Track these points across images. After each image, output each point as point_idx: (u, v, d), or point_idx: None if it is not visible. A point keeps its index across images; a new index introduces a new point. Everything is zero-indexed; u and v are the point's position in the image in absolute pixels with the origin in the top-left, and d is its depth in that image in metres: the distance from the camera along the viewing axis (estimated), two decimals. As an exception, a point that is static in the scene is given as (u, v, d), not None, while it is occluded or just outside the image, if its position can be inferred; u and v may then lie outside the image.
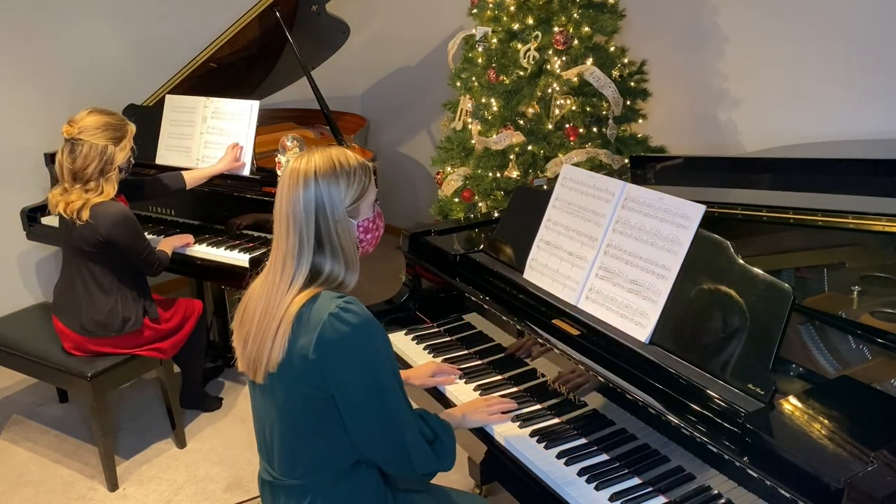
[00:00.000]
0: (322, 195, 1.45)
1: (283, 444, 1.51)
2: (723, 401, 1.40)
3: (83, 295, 2.60)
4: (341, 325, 1.40)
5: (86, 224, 2.47)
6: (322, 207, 1.45)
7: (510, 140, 2.96)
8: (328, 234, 1.46)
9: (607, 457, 1.61)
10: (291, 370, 1.43)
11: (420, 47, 4.48)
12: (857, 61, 2.73)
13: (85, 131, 2.48)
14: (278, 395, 1.48)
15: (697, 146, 3.27)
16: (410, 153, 4.85)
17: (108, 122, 2.53)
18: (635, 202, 1.72)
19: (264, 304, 1.47)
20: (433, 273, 2.17)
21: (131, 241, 2.55)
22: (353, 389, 1.43)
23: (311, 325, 1.41)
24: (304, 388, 1.44)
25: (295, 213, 1.45)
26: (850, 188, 2.15)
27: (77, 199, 2.48)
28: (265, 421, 1.54)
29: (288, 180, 1.47)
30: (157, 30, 3.96)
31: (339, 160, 1.48)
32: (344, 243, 1.48)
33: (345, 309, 1.41)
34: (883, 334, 1.63)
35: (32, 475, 2.80)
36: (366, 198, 1.52)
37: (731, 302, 1.51)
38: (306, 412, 1.47)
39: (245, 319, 1.52)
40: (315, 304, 1.43)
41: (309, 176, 1.45)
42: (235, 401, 3.22)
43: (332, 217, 1.45)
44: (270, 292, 1.47)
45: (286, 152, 3.00)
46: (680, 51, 3.26)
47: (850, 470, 1.18)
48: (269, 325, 1.45)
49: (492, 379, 1.93)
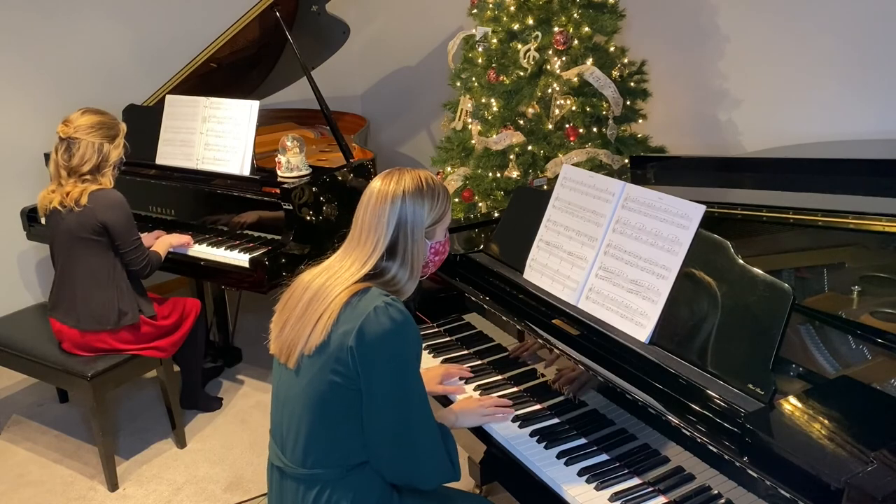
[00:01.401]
0: (407, 213, 1.53)
1: (300, 431, 1.52)
2: (723, 401, 1.40)
3: (78, 289, 2.61)
4: (384, 319, 1.44)
5: (84, 209, 2.52)
6: (405, 223, 1.53)
7: (510, 140, 2.96)
8: (404, 246, 1.54)
9: (607, 457, 1.61)
10: (327, 354, 1.46)
11: (420, 47, 4.48)
12: (857, 61, 2.73)
13: (81, 130, 2.54)
14: (306, 379, 1.50)
15: (697, 146, 3.27)
16: (410, 153, 4.85)
17: (102, 121, 2.59)
18: (635, 202, 1.72)
19: (315, 290, 1.52)
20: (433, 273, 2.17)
21: (124, 228, 2.58)
22: (380, 384, 1.45)
23: (356, 313, 1.46)
24: (334, 375, 1.46)
25: (377, 227, 1.53)
26: (850, 188, 2.15)
27: (74, 189, 2.53)
28: (287, 406, 1.56)
29: (376, 197, 1.54)
30: (157, 30, 3.96)
31: (428, 182, 1.56)
32: (416, 256, 1.56)
33: (391, 304, 1.46)
34: (883, 334, 1.63)
35: (32, 475, 2.80)
36: (443, 222, 1.61)
37: (731, 302, 1.51)
38: (330, 401, 1.48)
39: (289, 305, 1.56)
40: (364, 296, 1.49)
41: (398, 195, 1.53)
42: (235, 401, 3.22)
43: (412, 234, 1.54)
44: (328, 280, 1.52)
45: (286, 152, 3.00)
46: (680, 51, 3.26)
47: (850, 470, 1.18)
48: (315, 309, 1.49)
49: (492, 379, 1.93)
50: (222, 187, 3.04)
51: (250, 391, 3.29)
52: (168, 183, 3.15)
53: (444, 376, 1.92)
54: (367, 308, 1.45)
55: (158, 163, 3.19)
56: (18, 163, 3.60)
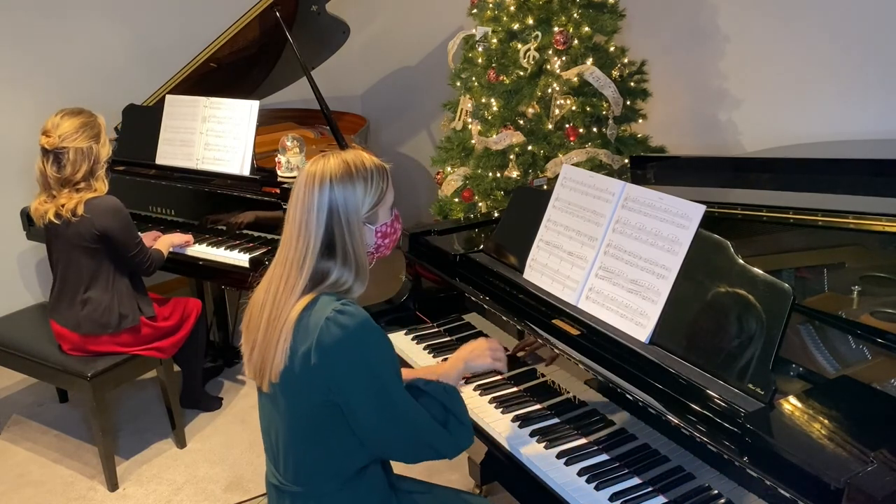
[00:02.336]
0: (337, 201, 1.41)
1: (287, 451, 1.50)
2: (723, 401, 1.40)
3: (79, 294, 2.60)
4: (336, 330, 1.38)
5: (81, 218, 2.47)
6: (337, 213, 1.41)
7: (510, 140, 2.96)
8: (341, 240, 1.42)
9: (607, 457, 1.61)
10: (294, 378, 1.42)
11: (420, 47, 4.47)
12: (857, 61, 2.73)
13: (66, 138, 2.46)
14: (282, 403, 1.47)
15: (697, 146, 3.27)
16: (410, 153, 4.85)
17: (84, 122, 2.51)
18: (635, 202, 1.72)
19: (268, 312, 1.45)
20: (433, 273, 2.17)
21: (124, 234, 2.55)
22: (356, 391, 1.41)
23: (309, 330, 1.40)
24: (307, 396, 1.43)
25: (308, 220, 1.42)
26: (850, 188, 2.15)
27: (69, 201, 2.47)
28: (271, 427, 1.54)
29: (303, 186, 1.43)
30: (157, 30, 3.96)
31: (355, 164, 1.44)
32: (357, 250, 1.44)
33: (341, 311, 1.39)
34: (883, 334, 1.63)
35: (32, 475, 2.80)
36: (384, 202, 1.49)
37: (731, 302, 1.50)
38: (310, 420, 1.45)
39: (252, 326, 1.50)
40: (313, 308, 1.41)
41: (325, 181, 1.41)
42: (235, 401, 3.22)
43: (346, 224, 1.42)
44: (275, 300, 1.44)
45: (286, 152, 3.00)
46: (680, 51, 3.26)
47: (850, 470, 1.18)
48: (272, 333, 1.43)
49: (491, 379, 1.93)
50: (222, 187, 3.04)
51: (250, 391, 3.29)
52: (168, 183, 3.15)
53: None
54: (318, 322, 1.38)
55: (158, 163, 3.19)
56: (18, 163, 3.60)
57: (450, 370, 1.68)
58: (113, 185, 2.66)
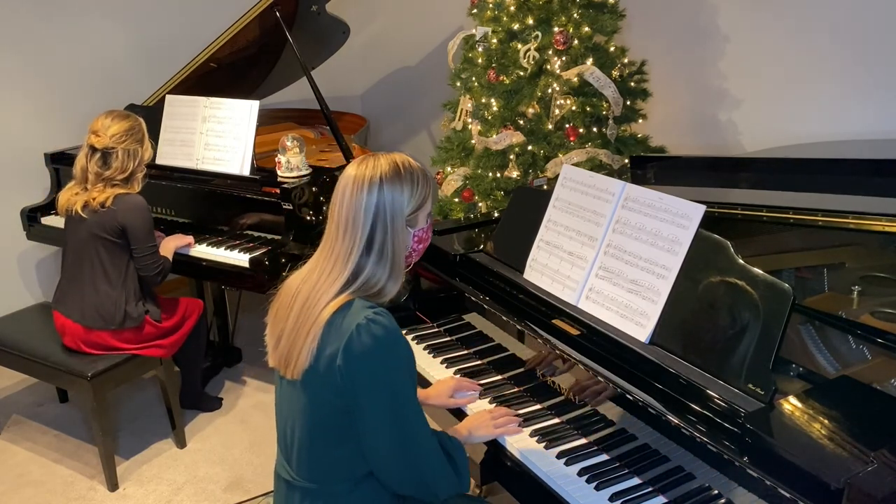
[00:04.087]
0: (385, 201, 1.43)
1: (303, 447, 1.50)
2: (723, 401, 1.40)
3: (89, 285, 2.62)
4: (367, 337, 1.38)
5: (108, 210, 2.54)
6: (383, 213, 1.43)
7: (510, 140, 2.96)
8: (382, 239, 1.44)
9: (607, 457, 1.61)
10: (317, 377, 1.42)
11: (420, 47, 4.47)
12: (857, 61, 2.73)
13: (115, 140, 2.56)
14: (302, 400, 1.47)
15: (697, 146, 3.27)
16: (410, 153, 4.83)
17: (132, 126, 2.62)
18: (635, 202, 1.72)
19: (302, 302, 1.45)
20: (433, 273, 2.17)
21: (142, 232, 2.60)
22: (372, 403, 1.40)
23: (340, 333, 1.40)
24: (328, 397, 1.42)
25: (355, 218, 1.43)
26: (850, 188, 2.15)
27: (101, 194, 2.55)
28: (288, 420, 1.53)
29: (351, 184, 1.45)
30: (157, 30, 3.96)
31: (405, 166, 1.47)
32: (396, 251, 1.46)
33: (373, 320, 1.39)
34: (883, 334, 1.63)
35: (32, 475, 2.80)
36: (425, 207, 1.51)
37: (731, 302, 1.50)
38: (328, 421, 1.45)
39: (280, 316, 1.50)
40: (347, 312, 1.42)
41: (374, 181, 1.43)
42: (235, 401, 3.22)
43: (391, 224, 1.44)
44: (312, 290, 1.45)
45: (286, 152, 3.00)
46: (680, 51, 3.25)
47: (850, 470, 1.18)
48: (302, 325, 1.44)
49: (491, 379, 1.93)
50: (222, 187, 3.03)
51: (250, 391, 3.29)
52: (168, 183, 3.14)
53: (456, 389, 1.87)
54: (350, 326, 1.39)
55: (158, 163, 3.19)
56: (19, 163, 3.60)
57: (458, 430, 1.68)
58: None
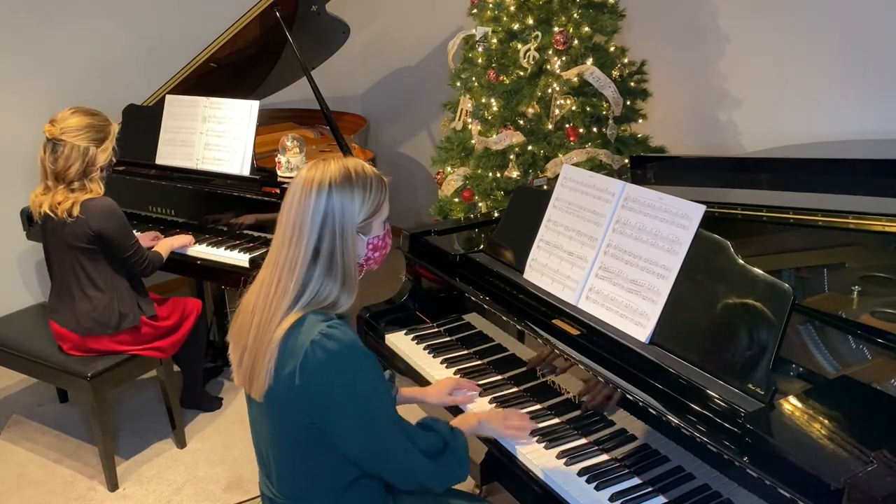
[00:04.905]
0: (334, 207, 1.37)
1: (279, 465, 1.49)
2: (723, 401, 1.40)
3: (78, 293, 2.59)
4: (321, 354, 1.34)
5: (77, 220, 2.47)
6: (332, 220, 1.37)
7: (510, 140, 2.96)
8: (330, 249, 1.38)
9: (607, 457, 1.61)
10: (279, 397, 1.39)
11: (420, 47, 4.48)
12: (857, 61, 2.73)
13: (67, 132, 2.46)
14: (269, 418, 1.45)
15: (697, 146, 3.27)
16: (410, 153, 4.85)
17: (91, 124, 2.51)
18: (635, 202, 1.72)
19: (258, 319, 1.41)
20: (433, 273, 2.17)
21: (119, 235, 2.55)
22: (338, 418, 1.38)
23: (295, 351, 1.36)
24: (292, 417, 1.40)
25: (301, 225, 1.37)
26: (850, 188, 2.15)
27: (65, 200, 2.47)
28: (261, 438, 1.52)
29: (300, 189, 1.39)
30: (157, 30, 3.96)
31: (357, 171, 1.40)
32: (346, 261, 1.40)
33: (327, 335, 1.35)
34: (883, 334, 1.63)
35: (32, 475, 2.80)
36: (380, 214, 1.45)
37: (731, 302, 1.50)
38: (296, 439, 1.43)
39: (241, 331, 1.46)
40: (300, 329, 1.37)
41: (323, 186, 1.37)
42: (235, 401, 3.22)
43: (340, 232, 1.38)
44: (265, 305, 1.40)
45: (286, 152, 3.00)
46: (680, 51, 3.26)
47: (850, 470, 1.18)
48: (259, 345, 1.40)
49: (492, 379, 1.93)
50: (222, 187, 3.03)
51: (250, 391, 3.29)
52: (168, 183, 3.14)
53: (455, 388, 1.86)
54: (304, 344, 1.34)
55: (158, 163, 3.19)
56: (18, 163, 3.60)
57: (461, 423, 1.66)
58: (113, 185, 2.66)
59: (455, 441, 1.53)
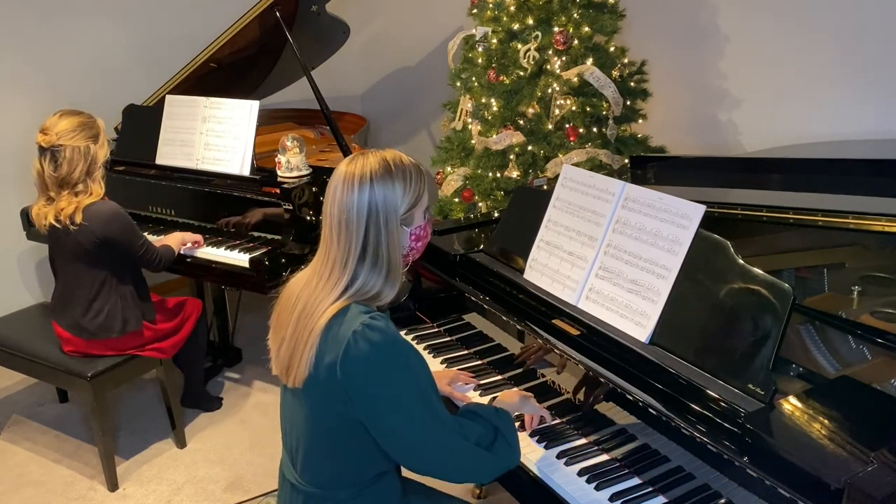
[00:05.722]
0: (377, 200, 1.37)
1: (307, 453, 1.49)
2: (723, 401, 1.40)
3: (83, 300, 2.59)
4: (364, 346, 1.34)
5: (80, 227, 2.46)
6: (375, 213, 1.37)
7: (510, 140, 2.96)
8: (375, 242, 1.38)
9: (607, 457, 1.61)
10: (318, 386, 1.39)
11: (420, 47, 4.48)
12: (857, 61, 2.73)
13: (63, 136, 2.44)
14: (304, 408, 1.45)
15: (697, 146, 3.27)
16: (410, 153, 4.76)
17: (82, 122, 2.50)
18: (635, 202, 1.72)
19: (301, 308, 1.42)
20: (433, 273, 2.17)
21: (127, 237, 2.55)
22: (379, 411, 1.37)
23: (337, 341, 1.36)
24: (329, 406, 1.40)
25: (348, 220, 1.38)
26: (850, 188, 2.15)
27: (68, 205, 2.45)
28: (293, 426, 1.52)
29: (341, 184, 1.39)
30: (157, 30, 3.96)
31: (395, 162, 1.41)
32: (392, 253, 1.40)
33: (370, 326, 1.35)
34: (883, 334, 1.63)
35: (32, 475, 2.80)
36: (421, 203, 1.44)
37: (731, 302, 1.50)
38: (331, 429, 1.43)
39: (281, 321, 1.47)
40: (344, 318, 1.37)
41: (364, 179, 1.37)
42: (235, 401, 3.22)
43: (384, 224, 1.38)
44: (311, 297, 1.41)
45: (286, 152, 3.00)
46: (680, 51, 3.26)
47: (850, 470, 1.18)
48: (301, 333, 1.40)
49: (492, 379, 1.93)
50: (222, 187, 3.04)
51: (250, 391, 3.29)
52: (168, 183, 3.15)
53: (453, 380, 1.86)
54: (346, 334, 1.35)
55: (158, 163, 3.19)
56: (19, 163, 3.60)
57: (506, 398, 1.65)
58: (112, 185, 2.66)
59: (504, 425, 1.50)
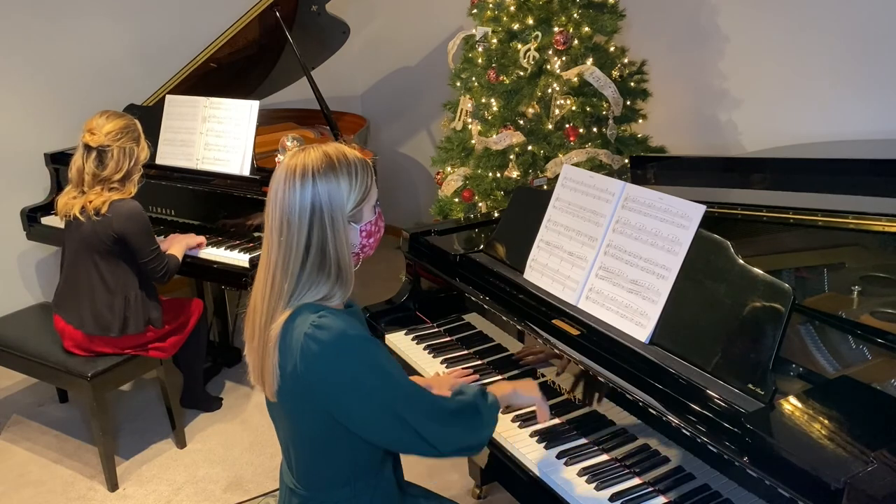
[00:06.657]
0: (321, 198, 1.30)
1: (298, 459, 1.49)
2: (723, 401, 1.40)
3: (86, 293, 2.60)
4: (314, 345, 1.30)
5: (102, 218, 2.50)
6: (319, 212, 1.30)
7: (510, 140, 2.96)
8: (320, 242, 1.31)
9: (607, 457, 1.61)
10: (289, 395, 1.38)
11: (420, 48, 4.48)
12: (857, 61, 2.73)
13: (111, 137, 2.52)
14: (284, 415, 1.45)
15: (697, 146, 3.27)
16: (410, 153, 4.85)
17: (127, 125, 2.57)
18: (635, 202, 1.72)
19: (259, 320, 1.39)
20: (433, 273, 2.17)
21: (141, 238, 2.57)
22: (351, 406, 1.35)
23: (292, 348, 1.32)
24: (305, 411, 1.39)
25: (290, 220, 1.31)
26: (850, 188, 2.15)
27: (97, 198, 2.51)
28: (281, 433, 1.52)
29: (283, 181, 1.32)
30: (157, 30, 3.96)
31: (338, 158, 1.33)
32: (340, 253, 1.33)
33: (318, 326, 1.31)
34: (883, 334, 1.63)
35: (32, 475, 2.80)
36: (369, 199, 1.37)
37: (731, 302, 1.50)
38: (313, 432, 1.42)
39: (251, 335, 1.44)
40: (293, 324, 1.33)
41: (306, 176, 1.30)
42: (235, 401, 3.22)
43: (330, 223, 1.31)
44: (264, 306, 1.37)
45: (286, 152, 3.00)
46: (680, 51, 3.26)
47: (850, 470, 1.18)
48: (262, 345, 1.38)
49: (492, 379, 1.93)
50: (222, 187, 3.04)
51: (250, 391, 3.29)
52: (168, 183, 3.15)
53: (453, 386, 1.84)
54: (299, 339, 1.31)
55: (158, 163, 3.19)
56: (18, 163, 3.60)
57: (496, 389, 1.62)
58: None
59: (482, 401, 1.46)
